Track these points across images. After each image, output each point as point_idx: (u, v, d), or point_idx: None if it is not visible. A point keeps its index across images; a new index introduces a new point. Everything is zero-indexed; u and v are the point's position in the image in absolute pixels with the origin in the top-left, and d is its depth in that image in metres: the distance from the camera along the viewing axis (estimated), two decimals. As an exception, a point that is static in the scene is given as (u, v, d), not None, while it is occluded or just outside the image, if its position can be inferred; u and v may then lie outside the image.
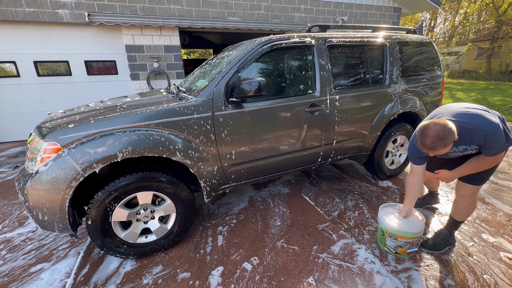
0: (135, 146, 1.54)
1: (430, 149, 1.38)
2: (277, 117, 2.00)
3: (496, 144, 1.38)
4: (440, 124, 1.34)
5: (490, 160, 1.47)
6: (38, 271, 1.70)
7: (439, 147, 1.35)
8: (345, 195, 2.59)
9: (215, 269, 1.68)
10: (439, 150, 1.37)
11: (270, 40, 2.02)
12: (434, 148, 1.36)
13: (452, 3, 20.20)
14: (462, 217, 1.75)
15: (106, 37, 4.98)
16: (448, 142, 1.33)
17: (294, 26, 6.20)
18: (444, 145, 1.34)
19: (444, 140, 1.32)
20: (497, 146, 1.39)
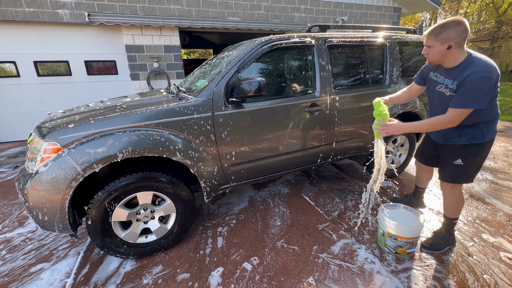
0: (135, 146, 1.54)
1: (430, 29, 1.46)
2: (277, 117, 2.00)
3: (469, 91, 1.35)
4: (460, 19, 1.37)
5: (446, 116, 1.44)
6: (38, 271, 1.70)
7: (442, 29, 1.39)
8: (345, 195, 2.59)
9: (215, 269, 1.68)
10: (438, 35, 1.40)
11: (270, 40, 2.02)
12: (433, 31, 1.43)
13: (452, 3, 20.21)
14: (451, 214, 1.76)
15: (106, 37, 4.98)
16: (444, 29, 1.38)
17: (294, 26, 6.20)
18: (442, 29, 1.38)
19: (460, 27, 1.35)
20: (468, 95, 1.35)
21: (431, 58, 1.51)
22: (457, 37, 1.37)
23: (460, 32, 1.36)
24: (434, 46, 1.45)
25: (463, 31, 1.36)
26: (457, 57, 1.43)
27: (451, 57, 1.44)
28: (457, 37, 1.37)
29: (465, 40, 1.39)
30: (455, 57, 1.43)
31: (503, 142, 4.16)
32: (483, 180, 2.83)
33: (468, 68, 1.38)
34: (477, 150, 1.56)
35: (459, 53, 1.42)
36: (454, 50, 1.41)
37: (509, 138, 4.40)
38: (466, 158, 1.59)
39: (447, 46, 1.40)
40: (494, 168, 3.15)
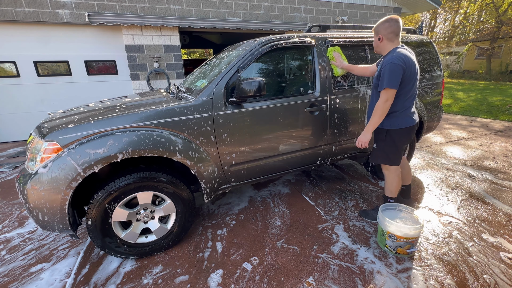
0: (135, 146, 1.54)
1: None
2: (277, 117, 2.00)
3: (383, 74, 1.67)
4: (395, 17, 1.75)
5: (378, 104, 1.73)
6: (38, 271, 1.70)
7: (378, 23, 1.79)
8: (345, 195, 2.59)
9: (215, 269, 1.68)
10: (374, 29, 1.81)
11: (270, 40, 2.02)
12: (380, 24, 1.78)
13: (452, 3, 20.20)
14: (386, 192, 2.07)
15: (106, 37, 4.99)
16: (377, 24, 1.77)
17: (294, 26, 6.20)
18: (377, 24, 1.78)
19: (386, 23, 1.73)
20: (383, 78, 1.67)
21: (374, 47, 1.90)
22: (384, 30, 1.74)
23: (386, 27, 1.74)
24: (373, 37, 1.88)
25: (388, 27, 1.73)
26: (387, 48, 1.79)
27: (382, 47, 1.81)
28: (384, 30, 1.74)
29: (393, 33, 1.73)
30: (385, 47, 1.79)
31: (503, 142, 4.16)
32: (483, 180, 2.83)
33: (388, 55, 1.74)
34: (384, 136, 1.89)
35: (388, 44, 1.77)
36: (384, 41, 1.77)
37: (509, 138, 4.40)
38: (377, 142, 1.96)
39: (378, 37, 1.79)
40: (494, 168, 3.15)
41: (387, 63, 1.67)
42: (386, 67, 1.67)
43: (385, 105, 1.72)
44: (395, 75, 1.64)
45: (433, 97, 2.91)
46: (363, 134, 1.84)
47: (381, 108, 1.73)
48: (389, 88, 1.67)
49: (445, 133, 4.86)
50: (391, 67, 1.65)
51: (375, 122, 1.79)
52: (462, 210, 2.26)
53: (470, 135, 4.66)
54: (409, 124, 1.85)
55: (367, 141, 1.83)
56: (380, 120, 1.78)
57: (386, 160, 1.94)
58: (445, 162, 3.40)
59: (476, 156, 3.59)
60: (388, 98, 1.70)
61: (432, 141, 4.35)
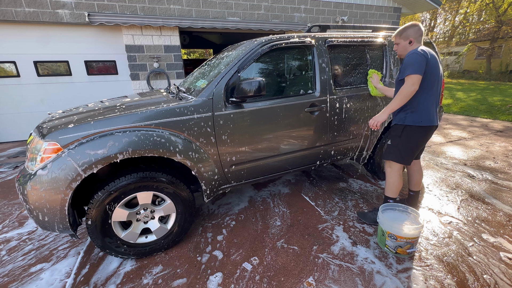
0: (135, 147, 1.54)
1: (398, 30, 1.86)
2: (277, 117, 2.00)
3: (406, 62, 1.69)
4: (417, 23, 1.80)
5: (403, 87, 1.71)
6: (38, 271, 1.70)
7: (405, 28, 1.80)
8: (345, 195, 2.59)
9: (214, 269, 1.68)
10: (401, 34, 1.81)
11: (270, 40, 2.02)
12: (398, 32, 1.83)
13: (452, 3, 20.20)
14: (387, 192, 2.04)
15: (106, 37, 4.98)
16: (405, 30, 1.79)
17: (294, 26, 6.20)
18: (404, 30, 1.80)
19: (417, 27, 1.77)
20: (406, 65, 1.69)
21: (398, 52, 1.90)
22: (415, 34, 1.78)
23: (416, 30, 1.78)
24: (399, 43, 1.86)
25: (418, 30, 1.78)
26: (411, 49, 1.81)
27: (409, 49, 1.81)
28: (415, 34, 1.78)
29: (421, 36, 1.79)
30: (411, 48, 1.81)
31: (503, 142, 4.16)
32: (483, 180, 2.83)
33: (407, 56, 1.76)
34: (400, 132, 1.87)
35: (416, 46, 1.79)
36: (414, 44, 1.80)
37: (509, 138, 4.40)
38: (393, 138, 1.92)
39: (408, 41, 1.80)
40: (494, 168, 3.15)
41: (409, 54, 1.70)
42: (408, 58, 1.69)
43: (411, 88, 1.67)
44: (418, 61, 1.64)
45: (433, 97, 2.90)
46: (380, 114, 1.83)
47: (406, 91, 1.69)
48: (412, 74, 1.65)
49: (445, 133, 4.86)
50: (412, 56, 1.67)
51: (396, 105, 1.75)
52: (462, 210, 2.26)
53: (470, 135, 4.66)
54: (430, 123, 1.79)
55: (381, 121, 1.81)
56: (401, 103, 1.73)
57: (399, 157, 1.90)
58: (445, 162, 3.40)
59: (476, 156, 3.59)
60: (414, 82, 1.66)
61: (432, 141, 4.35)
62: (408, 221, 1.80)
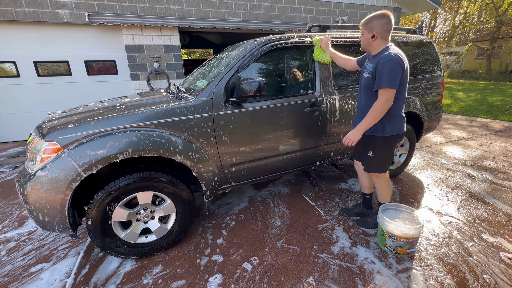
0: (135, 147, 1.54)
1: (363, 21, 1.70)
2: (277, 117, 2.00)
3: (381, 73, 1.56)
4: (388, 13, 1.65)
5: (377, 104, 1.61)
6: (38, 271, 1.70)
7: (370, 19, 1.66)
8: (345, 195, 2.59)
9: (214, 269, 1.68)
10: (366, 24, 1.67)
11: (270, 40, 2.02)
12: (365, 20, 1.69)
13: (452, 3, 20.20)
14: (380, 199, 1.98)
15: (106, 37, 4.98)
16: (371, 20, 1.64)
17: (294, 26, 6.20)
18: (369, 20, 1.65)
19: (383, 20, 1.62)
20: (381, 77, 1.56)
21: (361, 44, 1.75)
22: (380, 28, 1.62)
23: (382, 24, 1.62)
24: (363, 33, 1.71)
25: (385, 24, 1.62)
26: (379, 46, 1.67)
27: (375, 45, 1.68)
28: (380, 28, 1.62)
29: (388, 32, 1.64)
30: (378, 46, 1.67)
31: (503, 142, 4.16)
32: (483, 180, 2.84)
33: (382, 54, 1.62)
34: (381, 143, 1.78)
35: (381, 43, 1.66)
36: (377, 39, 1.65)
37: (509, 138, 4.40)
38: (374, 150, 1.81)
39: (371, 35, 1.65)
40: (494, 168, 3.15)
41: (386, 61, 1.55)
42: (386, 65, 1.54)
43: (385, 105, 1.60)
44: (395, 74, 1.54)
45: (433, 97, 2.91)
46: (354, 133, 1.70)
47: (379, 109, 1.60)
48: (389, 88, 1.55)
49: (445, 133, 4.86)
50: (392, 66, 1.53)
51: (370, 123, 1.66)
52: (462, 210, 2.26)
53: (470, 135, 4.66)
54: (402, 131, 1.78)
55: (356, 140, 1.70)
56: (376, 120, 1.65)
57: (381, 168, 1.84)
58: (445, 162, 3.40)
59: (476, 156, 3.59)
60: (389, 98, 1.58)
61: (432, 141, 4.35)
62: (408, 221, 1.80)
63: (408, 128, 2.74)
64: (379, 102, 1.60)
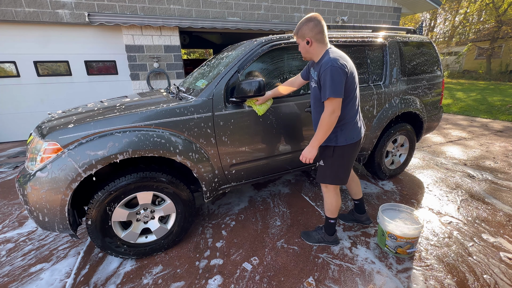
0: (135, 147, 1.54)
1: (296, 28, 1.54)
2: (277, 117, 2.00)
3: (324, 82, 1.42)
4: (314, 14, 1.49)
5: (324, 117, 1.47)
6: (38, 271, 1.70)
7: (299, 26, 1.50)
8: (345, 195, 2.59)
9: (214, 270, 1.68)
10: (297, 32, 1.51)
11: (270, 40, 2.02)
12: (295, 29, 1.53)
13: (452, 3, 20.21)
14: (326, 212, 1.81)
15: (106, 37, 4.98)
16: (299, 27, 1.49)
17: (294, 26, 6.19)
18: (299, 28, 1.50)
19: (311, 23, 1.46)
20: (325, 86, 1.42)
21: (302, 55, 1.60)
22: (310, 32, 1.47)
23: (311, 27, 1.46)
24: (298, 42, 1.56)
25: (314, 26, 1.46)
26: (318, 51, 1.52)
27: (313, 51, 1.53)
28: (310, 32, 1.47)
29: (320, 33, 1.47)
30: (317, 51, 1.52)
31: (503, 142, 4.16)
32: (483, 180, 2.84)
33: (323, 60, 1.48)
34: (331, 153, 1.64)
35: (319, 47, 1.51)
36: (314, 44, 1.50)
37: (509, 138, 4.40)
38: (325, 159, 1.68)
39: (305, 41, 1.50)
40: (494, 168, 3.15)
41: (326, 68, 1.41)
42: (327, 73, 1.40)
43: (332, 117, 1.45)
44: (338, 80, 1.40)
45: (433, 97, 2.91)
46: (308, 149, 1.55)
47: (327, 122, 1.46)
48: (333, 97, 1.41)
49: (445, 133, 4.86)
50: (332, 72, 1.39)
51: (321, 137, 1.51)
52: (462, 210, 2.27)
53: (470, 135, 4.66)
54: (357, 139, 1.63)
55: (312, 157, 1.55)
56: (326, 134, 1.51)
57: (335, 179, 1.69)
58: (445, 162, 3.40)
59: (476, 156, 3.59)
60: (335, 108, 1.43)
61: (432, 141, 4.35)
62: (408, 221, 1.80)
63: (408, 128, 2.75)
64: (325, 114, 1.46)
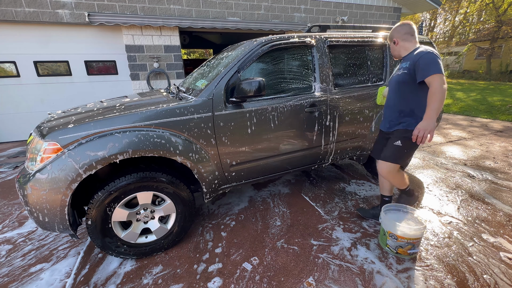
0: (135, 147, 1.54)
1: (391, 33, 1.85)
2: (277, 117, 2.00)
3: (426, 61, 1.59)
4: (406, 21, 1.81)
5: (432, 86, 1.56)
6: (38, 271, 1.70)
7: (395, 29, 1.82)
8: (345, 195, 2.59)
9: (214, 270, 1.68)
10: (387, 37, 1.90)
11: (270, 40, 2.02)
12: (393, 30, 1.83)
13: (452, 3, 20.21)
14: (385, 192, 2.07)
15: (106, 37, 4.99)
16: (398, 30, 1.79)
17: (294, 26, 6.20)
18: (397, 31, 1.80)
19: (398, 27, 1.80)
20: (427, 64, 1.59)
21: (392, 53, 1.92)
22: (397, 33, 1.80)
23: (398, 30, 1.80)
24: (390, 45, 1.89)
25: (400, 29, 1.79)
26: (406, 47, 1.79)
27: (400, 48, 1.82)
28: (397, 33, 1.80)
29: (407, 34, 1.77)
30: (405, 47, 1.80)
31: (503, 142, 4.16)
32: (483, 180, 2.83)
33: (416, 50, 1.73)
34: (411, 135, 1.76)
35: (405, 44, 1.79)
36: (400, 43, 1.80)
37: (509, 138, 4.40)
38: (405, 141, 1.82)
39: (392, 42, 1.84)
40: (494, 168, 3.15)
41: (423, 53, 1.61)
42: (425, 57, 1.59)
43: (443, 88, 1.53)
44: (438, 62, 1.57)
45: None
46: (427, 122, 1.55)
47: (440, 92, 1.52)
48: (438, 73, 1.53)
49: (445, 133, 4.86)
50: (431, 56, 1.58)
51: (438, 108, 1.54)
52: (462, 210, 2.27)
53: (470, 135, 4.66)
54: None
55: (433, 129, 1.55)
56: (441, 105, 1.56)
57: (406, 159, 1.91)
58: (445, 162, 3.40)
59: (476, 156, 3.59)
60: (444, 81, 1.54)
61: (432, 141, 4.35)
62: (410, 221, 1.79)
63: (408, 128, 2.74)
64: (436, 87, 1.53)
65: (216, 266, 1.70)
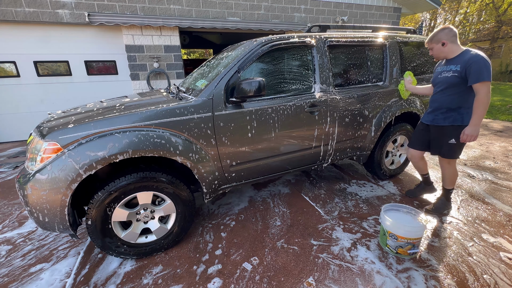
0: (135, 147, 1.54)
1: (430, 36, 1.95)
2: (277, 117, 2.00)
3: (478, 68, 1.71)
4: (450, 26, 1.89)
5: (479, 95, 1.74)
6: (38, 271, 1.70)
7: (434, 34, 1.91)
8: (345, 195, 2.59)
9: (215, 270, 1.68)
10: (432, 39, 1.92)
11: (270, 40, 2.02)
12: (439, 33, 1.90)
13: (452, 3, 20.21)
14: (447, 185, 2.19)
15: (106, 37, 4.99)
16: (446, 32, 1.87)
17: (294, 26, 6.20)
18: (434, 35, 1.90)
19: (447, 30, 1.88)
20: (479, 71, 1.71)
21: (434, 56, 2.01)
22: (445, 36, 1.88)
23: (446, 33, 1.88)
24: (432, 47, 1.98)
25: (449, 32, 1.88)
26: (453, 50, 1.89)
27: (447, 50, 1.91)
28: (445, 36, 1.88)
29: (454, 36, 1.87)
30: (452, 49, 1.89)
31: (503, 142, 4.16)
32: (483, 180, 2.83)
33: (467, 54, 1.82)
34: (461, 131, 1.92)
35: (453, 46, 1.89)
36: (448, 45, 1.89)
37: (509, 138, 4.40)
38: (457, 138, 1.95)
39: (441, 43, 1.90)
40: (494, 168, 3.15)
41: (476, 59, 1.72)
42: (480, 62, 1.71)
43: (488, 96, 1.74)
44: (489, 68, 1.72)
45: (433, 97, 2.91)
46: (473, 128, 1.80)
47: (487, 101, 1.74)
48: (488, 81, 1.71)
49: (445, 133, 4.86)
50: (485, 62, 1.71)
51: (483, 114, 1.79)
52: (462, 210, 2.27)
53: (470, 135, 4.66)
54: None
55: (478, 134, 1.82)
56: (485, 112, 1.79)
57: (459, 153, 2.04)
58: (445, 162, 3.39)
59: (476, 156, 3.59)
60: (489, 89, 1.73)
61: (432, 141, 4.35)
62: (411, 222, 1.79)
63: (408, 128, 2.75)
64: (483, 95, 1.74)
65: (216, 267, 1.70)
